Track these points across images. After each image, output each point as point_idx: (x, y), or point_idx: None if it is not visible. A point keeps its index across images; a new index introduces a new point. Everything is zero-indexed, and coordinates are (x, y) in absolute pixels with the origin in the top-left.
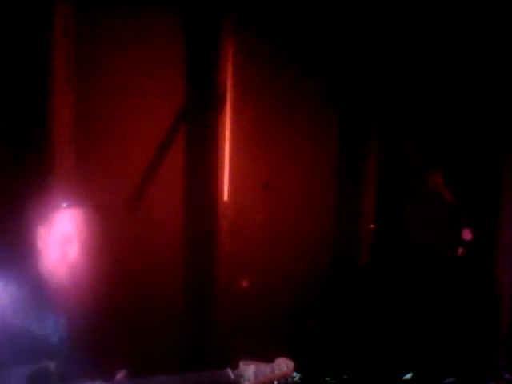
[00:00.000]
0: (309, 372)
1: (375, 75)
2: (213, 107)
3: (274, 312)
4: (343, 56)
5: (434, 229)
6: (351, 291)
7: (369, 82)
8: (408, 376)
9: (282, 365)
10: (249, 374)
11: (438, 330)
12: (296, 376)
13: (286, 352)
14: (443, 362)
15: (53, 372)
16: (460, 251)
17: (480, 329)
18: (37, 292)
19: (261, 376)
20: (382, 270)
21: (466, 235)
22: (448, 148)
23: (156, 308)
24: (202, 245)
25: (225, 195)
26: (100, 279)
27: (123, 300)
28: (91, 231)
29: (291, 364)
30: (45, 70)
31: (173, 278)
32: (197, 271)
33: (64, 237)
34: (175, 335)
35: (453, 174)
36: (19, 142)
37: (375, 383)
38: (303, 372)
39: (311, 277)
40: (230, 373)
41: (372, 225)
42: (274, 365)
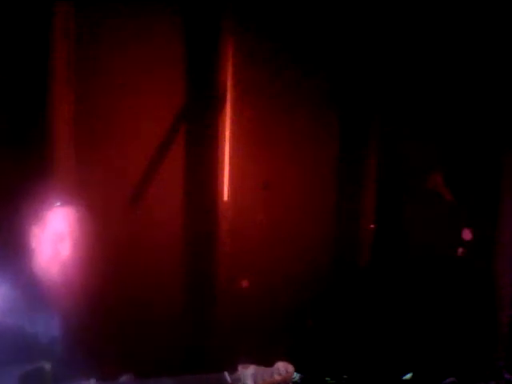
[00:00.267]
0: (309, 372)
1: (375, 75)
2: (213, 107)
3: (274, 312)
4: (343, 56)
5: (434, 229)
6: (351, 291)
7: (369, 82)
8: (408, 376)
9: (282, 369)
10: (247, 378)
11: (438, 330)
12: (296, 376)
13: (286, 352)
14: (443, 362)
15: (47, 372)
16: (460, 251)
17: (480, 329)
18: (31, 292)
19: (259, 380)
20: (382, 270)
21: (466, 235)
22: (448, 148)
23: (155, 308)
24: (202, 245)
25: (225, 195)
26: (94, 278)
27: (121, 300)
28: (84, 230)
29: (291, 368)
30: (45, 70)
31: (173, 278)
32: (197, 271)
33: (57, 235)
34: (175, 335)
35: (453, 174)
36: (18, 142)
37: (375, 383)
38: (303, 372)
39: (311, 277)
40: (227, 376)
41: (372, 225)
42: (274, 369)
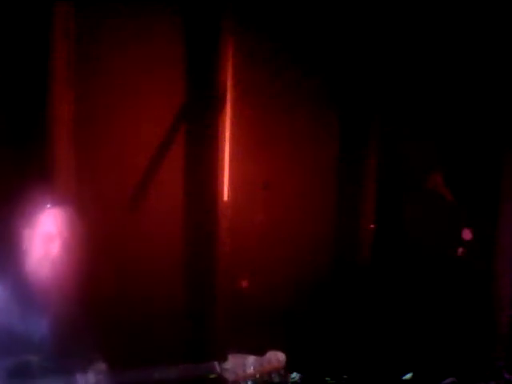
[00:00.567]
0: (309, 372)
1: (375, 75)
2: (213, 107)
3: (274, 311)
4: (343, 56)
5: (434, 229)
6: (351, 291)
7: (369, 83)
8: (408, 376)
9: (273, 358)
10: (236, 367)
11: (438, 330)
12: (296, 376)
13: (286, 352)
14: (443, 362)
15: (35, 365)
16: (460, 251)
17: (480, 329)
18: (20, 289)
19: (249, 369)
20: (382, 270)
21: (466, 235)
22: (448, 148)
23: (155, 304)
24: (202, 244)
25: (225, 195)
26: (89, 276)
27: (121, 297)
28: (74, 230)
29: (282, 357)
30: (45, 70)
31: (173, 277)
32: (197, 270)
33: (48, 236)
34: (175, 332)
35: (453, 174)
36: (18, 141)
37: (375, 383)
38: (303, 372)
39: (311, 276)
40: (217, 366)
41: (372, 225)
42: (265, 358)
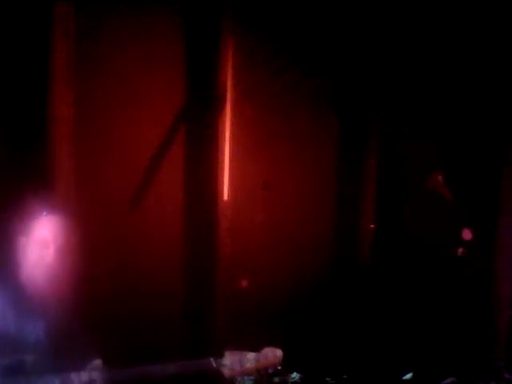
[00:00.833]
0: (309, 372)
1: (375, 75)
2: (213, 107)
3: (274, 311)
4: (343, 56)
5: (434, 229)
6: (351, 291)
7: (369, 82)
8: (408, 376)
9: (270, 354)
10: (233, 363)
11: (438, 330)
12: (296, 376)
13: (286, 352)
14: (443, 362)
15: (30, 364)
16: (460, 251)
17: (480, 329)
18: (16, 291)
19: (246, 364)
20: (382, 270)
21: (466, 235)
22: (448, 148)
23: (155, 305)
24: (202, 245)
25: (225, 195)
26: (81, 276)
27: (121, 297)
28: (68, 236)
29: (279, 352)
30: (45, 70)
31: (173, 278)
32: (197, 271)
33: (42, 242)
34: (174, 331)
35: (453, 174)
36: (17, 142)
37: (375, 383)
38: (303, 372)
39: (311, 277)
40: (213, 361)
41: (372, 225)
42: (261, 354)
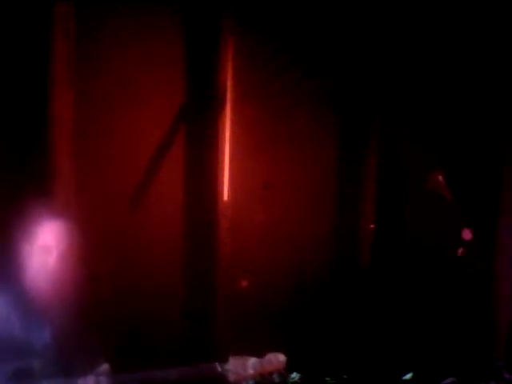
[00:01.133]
0: (309, 372)
1: (375, 75)
2: (213, 107)
3: (274, 312)
4: (343, 56)
5: (434, 229)
6: (351, 291)
7: (369, 82)
8: (408, 376)
9: (273, 359)
10: (237, 368)
11: (438, 330)
12: (296, 376)
13: (286, 352)
14: (443, 362)
15: (36, 369)
16: (460, 251)
17: (480, 329)
18: (21, 296)
19: (250, 370)
20: (382, 270)
21: (466, 235)
22: (448, 148)
23: (155, 306)
24: (202, 245)
25: (225, 195)
26: (83, 279)
27: (120, 299)
28: (69, 238)
29: (282, 358)
30: (45, 70)
31: (173, 278)
32: (197, 271)
33: (45, 246)
34: (176, 333)
35: (453, 174)
36: (18, 143)
37: (375, 383)
38: (303, 372)
39: (311, 276)
40: (218, 366)
41: (372, 225)
42: (265, 359)
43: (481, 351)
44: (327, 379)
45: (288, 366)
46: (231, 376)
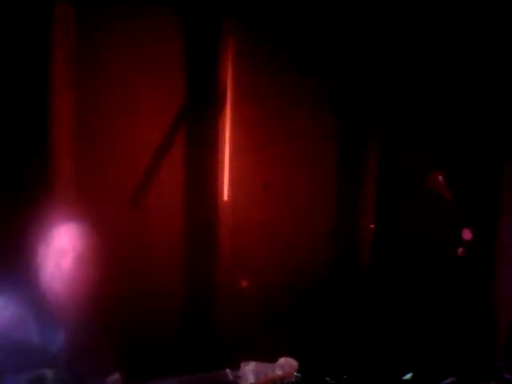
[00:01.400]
0: (309, 372)
1: (375, 75)
2: (213, 107)
3: (274, 312)
4: (343, 56)
5: (434, 229)
6: (351, 291)
7: (369, 82)
8: (408, 376)
9: (285, 365)
10: (249, 375)
11: (438, 330)
12: (295, 376)
13: (286, 352)
14: (443, 362)
15: (50, 379)
16: (460, 251)
17: (480, 329)
18: (35, 304)
19: (261, 376)
20: (382, 270)
21: (466, 235)
22: (448, 148)
23: (156, 308)
24: (202, 245)
25: (225, 195)
26: (95, 288)
27: (120, 301)
28: (86, 244)
29: (294, 364)
30: (45, 70)
31: (173, 278)
32: (197, 271)
33: (60, 251)
34: (175, 336)
35: (453, 174)
36: (17, 143)
37: (375, 383)
38: (303, 372)
39: (311, 276)
40: (229, 373)
41: (372, 225)
42: (276, 365)
43: (481, 351)
44: (327, 379)
45: None
46: (243, 382)
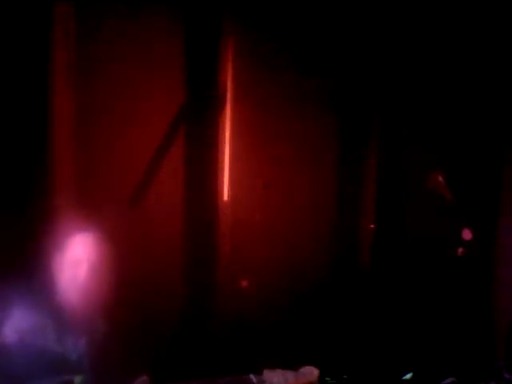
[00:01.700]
0: None
1: (375, 75)
2: (213, 107)
3: (274, 312)
4: (343, 56)
5: (434, 229)
6: (351, 291)
7: (369, 82)
8: (408, 376)
9: (307, 372)
10: (272, 380)
11: (438, 330)
12: None
13: (286, 352)
14: (443, 362)
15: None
16: (460, 251)
17: (480, 329)
18: (57, 313)
19: (283, 382)
20: (382, 270)
21: (466, 235)
22: (448, 148)
23: (156, 308)
24: (202, 245)
25: (225, 195)
26: (110, 293)
27: (121, 302)
28: (99, 253)
29: (316, 372)
30: (45, 70)
31: (174, 278)
32: (197, 271)
33: (75, 260)
34: (175, 337)
35: (453, 174)
36: (17, 143)
37: (375, 383)
38: None
39: (311, 277)
40: (253, 378)
41: (372, 225)
42: (299, 372)
43: (481, 351)
44: (327, 379)
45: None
46: None
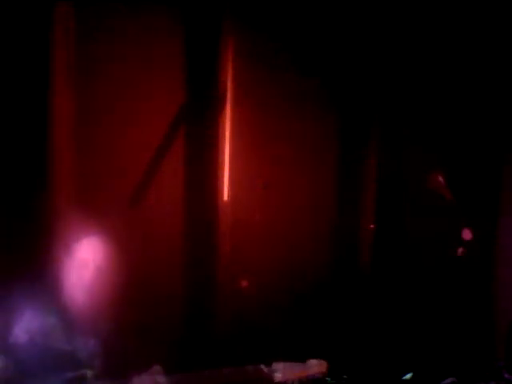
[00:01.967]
0: None
1: (376, 76)
2: (213, 107)
3: (274, 311)
4: (343, 57)
5: (434, 229)
6: (351, 291)
7: (369, 83)
8: (408, 376)
9: (315, 365)
10: (280, 370)
11: (438, 330)
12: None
13: (286, 352)
14: (443, 362)
15: (89, 378)
16: (460, 251)
17: (480, 329)
18: (67, 312)
19: (290, 374)
20: (382, 270)
21: (466, 235)
22: (448, 148)
23: (158, 309)
24: (202, 244)
25: (225, 195)
26: (115, 292)
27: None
28: (102, 253)
29: (324, 364)
30: (45, 71)
31: (174, 278)
32: (197, 271)
33: (82, 263)
34: (175, 335)
35: (453, 174)
36: (17, 143)
37: (375, 383)
38: None
39: (311, 277)
40: (264, 368)
41: (372, 225)
42: (307, 364)
43: (481, 351)
44: (327, 379)
45: None
46: (276, 378)
